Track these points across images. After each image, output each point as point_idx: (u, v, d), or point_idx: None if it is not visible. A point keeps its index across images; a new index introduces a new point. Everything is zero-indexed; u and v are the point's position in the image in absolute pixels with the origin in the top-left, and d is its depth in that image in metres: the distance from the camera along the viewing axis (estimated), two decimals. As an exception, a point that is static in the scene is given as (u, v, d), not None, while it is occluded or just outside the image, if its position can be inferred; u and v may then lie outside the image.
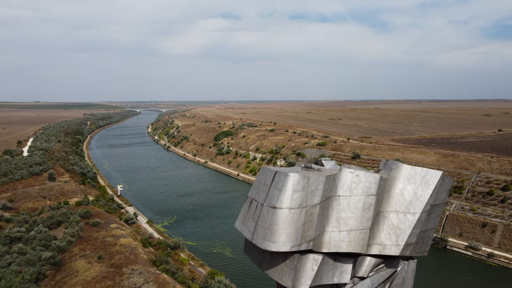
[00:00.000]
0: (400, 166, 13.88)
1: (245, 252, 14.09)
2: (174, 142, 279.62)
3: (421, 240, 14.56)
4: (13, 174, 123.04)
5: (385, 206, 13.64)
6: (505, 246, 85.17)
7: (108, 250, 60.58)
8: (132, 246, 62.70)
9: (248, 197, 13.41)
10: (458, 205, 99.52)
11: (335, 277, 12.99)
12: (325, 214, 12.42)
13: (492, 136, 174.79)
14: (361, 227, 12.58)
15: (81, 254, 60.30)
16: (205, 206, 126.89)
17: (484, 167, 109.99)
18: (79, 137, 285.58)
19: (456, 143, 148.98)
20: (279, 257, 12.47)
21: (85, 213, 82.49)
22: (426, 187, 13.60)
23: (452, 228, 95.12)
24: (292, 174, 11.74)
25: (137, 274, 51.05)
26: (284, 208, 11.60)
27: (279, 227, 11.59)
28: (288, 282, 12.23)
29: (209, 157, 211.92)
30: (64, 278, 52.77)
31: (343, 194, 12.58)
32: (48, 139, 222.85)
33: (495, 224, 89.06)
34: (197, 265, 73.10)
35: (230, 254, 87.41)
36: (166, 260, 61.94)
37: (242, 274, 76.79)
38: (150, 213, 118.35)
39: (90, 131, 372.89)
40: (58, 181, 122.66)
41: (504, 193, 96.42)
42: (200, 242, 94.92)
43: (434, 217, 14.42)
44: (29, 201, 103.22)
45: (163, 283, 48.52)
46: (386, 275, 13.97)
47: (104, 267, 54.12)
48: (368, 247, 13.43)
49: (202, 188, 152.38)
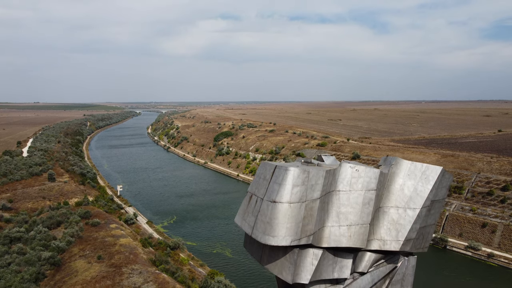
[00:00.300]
0: (400, 161, 13.87)
1: (244, 247, 14.05)
2: (174, 142, 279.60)
3: (421, 236, 14.53)
4: (12, 175, 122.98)
5: (385, 202, 13.63)
6: (505, 246, 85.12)
7: (108, 250, 60.51)
8: (131, 246, 62.63)
9: (248, 192, 13.39)
10: (458, 205, 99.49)
11: (335, 272, 12.96)
12: (325, 209, 12.40)
13: (492, 136, 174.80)
14: (361, 222, 12.56)
15: (81, 254, 60.23)
16: (205, 206, 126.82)
17: (484, 167, 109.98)
18: (79, 138, 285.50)
19: (456, 144, 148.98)
20: (279, 252, 12.45)
21: (85, 213, 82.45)
22: (426, 183, 13.58)
23: (452, 228, 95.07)
24: (292, 168, 11.74)
25: (136, 274, 50.97)
26: (284, 202, 11.58)
27: (279, 221, 11.56)
28: (288, 277, 12.19)
29: (209, 157, 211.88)
30: (64, 278, 52.69)
31: (343, 189, 12.56)
32: (48, 140, 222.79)
33: (495, 224, 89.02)
34: (197, 265, 73.03)
35: (230, 255, 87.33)
36: (166, 260, 61.87)
37: (242, 275, 76.70)
38: (149, 213, 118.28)
39: (90, 132, 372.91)
40: (58, 182, 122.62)
41: (504, 193, 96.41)
42: (200, 243, 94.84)
43: (434, 212, 14.40)
44: (29, 202, 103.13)
45: (162, 282, 48.44)
46: (386, 270, 13.93)
47: (103, 267, 54.04)
48: (368, 243, 13.41)
49: (202, 189, 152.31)
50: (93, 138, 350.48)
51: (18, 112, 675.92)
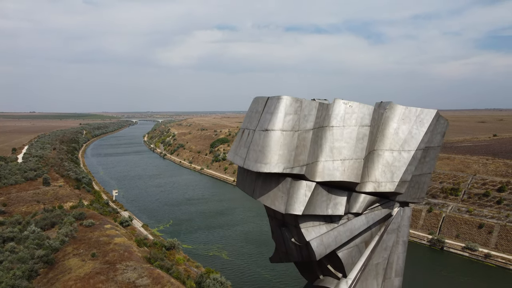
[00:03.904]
0: (395, 106, 13.76)
1: (238, 186, 13.82)
2: (170, 150, 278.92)
3: (416, 185, 14.39)
4: (7, 179, 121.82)
5: (380, 145, 13.48)
6: (502, 247, 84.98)
7: (102, 249, 59.71)
8: (126, 244, 61.86)
9: (240, 129, 13.24)
10: (455, 206, 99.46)
11: (329, 208, 12.73)
12: (318, 143, 12.27)
13: (487, 141, 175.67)
14: (355, 156, 12.37)
15: (75, 253, 59.37)
16: (201, 211, 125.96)
17: (479, 169, 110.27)
18: (75, 146, 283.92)
19: (451, 148, 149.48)
20: (271, 182, 12.19)
21: (79, 214, 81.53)
22: (421, 125, 13.48)
23: (448, 229, 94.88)
24: (285, 97, 11.56)
25: (131, 270, 50.20)
26: (276, 130, 11.37)
27: (271, 148, 11.33)
28: (281, 206, 11.93)
29: (205, 164, 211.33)
30: (57, 275, 51.82)
31: (336, 124, 12.35)
32: (43, 147, 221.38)
33: (492, 225, 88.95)
34: (193, 266, 72.18)
35: (227, 257, 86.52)
36: (161, 257, 61.01)
37: (239, 276, 75.93)
38: (145, 217, 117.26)
39: (85, 140, 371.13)
40: (53, 186, 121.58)
41: (500, 194, 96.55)
42: (196, 246, 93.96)
43: (429, 160, 14.28)
44: (23, 205, 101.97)
45: (157, 277, 47.72)
46: (381, 214, 13.72)
47: (97, 264, 53.24)
48: (363, 185, 13.25)
49: (198, 194, 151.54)
50: (89, 146, 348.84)
51: (13, 121, 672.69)
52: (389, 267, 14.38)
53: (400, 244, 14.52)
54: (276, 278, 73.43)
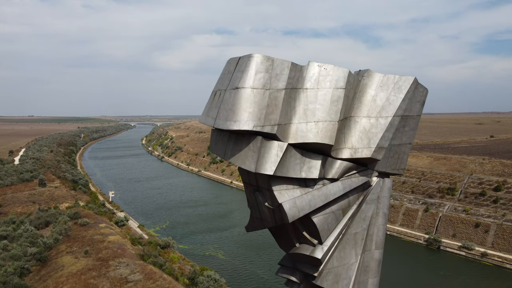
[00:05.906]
0: (372, 73, 13.71)
1: (212, 152, 13.67)
2: (168, 152, 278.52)
3: (395, 155, 14.27)
4: (2, 180, 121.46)
5: (357, 112, 13.39)
6: (499, 246, 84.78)
7: (96, 246, 59.36)
8: (120, 242, 61.52)
9: (212, 92, 13.15)
10: (451, 206, 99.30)
11: (303, 171, 12.60)
12: (292, 105, 12.11)
13: (484, 142, 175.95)
14: (329, 118, 12.24)
15: (68, 251, 59.01)
16: (198, 213, 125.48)
17: (476, 168, 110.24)
18: (72, 148, 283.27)
19: (448, 148, 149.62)
20: (242, 143, 12.15)
21: (74, 214, 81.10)
22: (399, 92, 13.41)
23: (445, 229, 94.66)
24: (256, 55, 11.51)
25: (123, 266, 49.86)
26: (246, 87, 11.32)
27: (241, 106, 11.29)
28: (251, 165, 11.84)
29: (203, 166, 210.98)
30: (50, 272, 51.45)
31: (310, 87, 12.27)
32: (41, 149, 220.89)
33: (488, 224, 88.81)
34: (188, 265, 71.75)
35: (223, 256, 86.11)
36: (155, 254, 60.57)
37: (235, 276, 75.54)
38: (142, 219, 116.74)
39: (83, 143, 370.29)
40: (49, 187, 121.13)
41: (496, 194, 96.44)
42: (192, 246, 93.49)
43: (408, 130, 14.17)
44: (18, 206, 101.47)
45: (150, 273, 47.40)
46: (358, 182, 13.57)
47: (90, 261, 52.89)
48: (339, 151, 13.12)
49: (195, 196, 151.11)
50: (86, 149, 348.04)
51: (11, 125, 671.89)
52: (369, 239, 14.23)
53: (380, 215, 14.37)
54: (273, 279, 73.01)
